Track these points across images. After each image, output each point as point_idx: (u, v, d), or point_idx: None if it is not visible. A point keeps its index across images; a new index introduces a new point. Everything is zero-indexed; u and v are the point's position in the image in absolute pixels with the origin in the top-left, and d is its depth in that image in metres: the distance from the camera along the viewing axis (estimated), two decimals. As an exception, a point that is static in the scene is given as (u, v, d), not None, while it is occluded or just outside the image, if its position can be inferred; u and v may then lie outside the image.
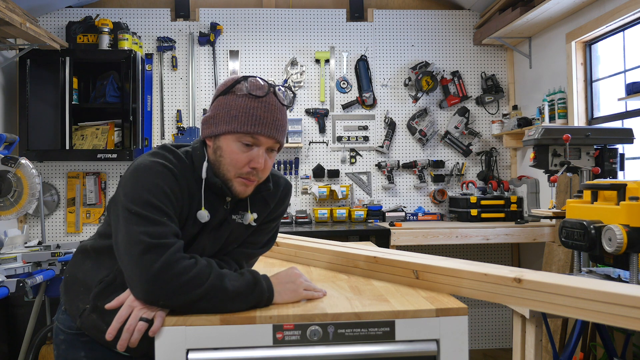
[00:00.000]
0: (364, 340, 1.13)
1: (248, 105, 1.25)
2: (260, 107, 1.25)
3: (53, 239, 4.05)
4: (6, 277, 2.64)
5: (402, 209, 4.16)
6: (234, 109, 1.25)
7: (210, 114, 1.30)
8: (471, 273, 1.26)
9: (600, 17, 3.17)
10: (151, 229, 1.15)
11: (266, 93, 1.26)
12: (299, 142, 4.10)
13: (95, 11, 4.11)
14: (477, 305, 4.26)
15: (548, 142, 2.44)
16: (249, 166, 1.26)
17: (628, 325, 1.01)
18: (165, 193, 1.21)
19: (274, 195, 1.43)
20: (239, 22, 4.23)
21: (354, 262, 1.57)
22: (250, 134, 1.24)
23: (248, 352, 1.11)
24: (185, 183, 1.27)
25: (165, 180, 1.22)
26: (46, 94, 3.77)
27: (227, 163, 1.27)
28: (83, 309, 1.34)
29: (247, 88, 1.26)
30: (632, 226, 1.67)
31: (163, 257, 1.11)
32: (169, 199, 1.21)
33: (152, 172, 1.22)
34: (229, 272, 1.20)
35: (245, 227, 1.39)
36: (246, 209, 1.37)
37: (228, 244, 1.39)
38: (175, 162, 1.28)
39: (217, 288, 1.14)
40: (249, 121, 1.24)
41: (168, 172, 1.24)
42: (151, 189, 1.20)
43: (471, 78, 4.35)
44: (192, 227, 1.29)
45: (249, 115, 1.24)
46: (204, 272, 1.14)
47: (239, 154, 1.26)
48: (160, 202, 1.19)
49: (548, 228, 3.52)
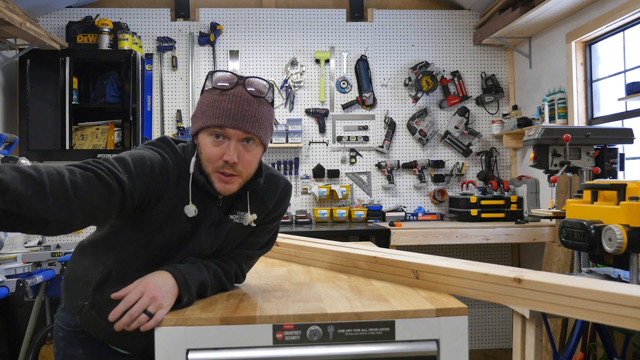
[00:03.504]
0: (364, 340, 1.13)
1: (214, 99, 1.25)
2: (226, 100, 1.24)
3: (53, 239, 4.05)
4: (6, 277, 2.64)
5: (402, 209, 4.16)
6: (204, 105, 1.27)
7: (193, 113, 1.32)
8: (471, 273, 1.26)
9: (600, 17, 3.17)
10: (105, 165, 1.14)
11: (233, 86, 1.25)
12: (299, 142, 4.10)
13: (95, 11, 4.11)
14: (477, 305, 4.25)
15: (548, 142, 2.44)
16: (222, 160, 1.24)
17: (628, 325, 1.01)
18: (143, 166, 1.21)
19: (273, 195, 1.42)
20: (239, 22, 4.23)
21: (354, 262, 1.57)
22: (217, 127, 1.23)
23: (248, 352, 1.11)
24: (175, 175, 1.27)
25: (152, 160, 1.24)
26: (46, 94, 3.77)
27: (204, 159, 1.27)
28: (82, 305, 1.35)
29: (213, 82, 1.27)
30: (632, 226, 1.67)
31: (82, 171, 1.09)
32: (144, 171, 1.20)
33: (145, 152, 1.25)
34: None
35: (244, 228, 1.38)
36: (245, 209, 1.36)
37: (227, 244, 1.39)
38: (171, 154, 1.30)
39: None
40: (214, 114, 1.23)
41: (159, 157, 1.26)
42: (134, 156, 1.22)
43: (471, 78, 4.35)
44: (184, 222, 1.28)
45: (214, 108, 1.24)
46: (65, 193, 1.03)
47: (211, 148, 1.25)
48: (133, 165, 1.19)
49: (548, 228, 3.52)
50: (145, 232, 1.27)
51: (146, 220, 1.26)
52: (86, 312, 1.34)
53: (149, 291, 1.15)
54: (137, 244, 1.29)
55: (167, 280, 1.20)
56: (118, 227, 1.30)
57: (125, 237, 1.29)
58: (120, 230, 1.30)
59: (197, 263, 1.30)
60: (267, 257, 1.93)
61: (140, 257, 1.30)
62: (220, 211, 1.34)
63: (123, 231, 1.29)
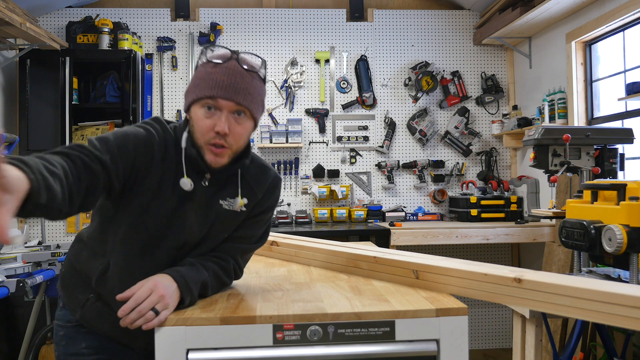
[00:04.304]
0: (364, 340, 1.13)
1: (208, 72, 1.27)
2: (218, 72, 1.26)
3: (53, 239, 4.05)
4: (6, 277, 2.64)
5: (402, 209, 4.16)
6: (198, 78, 1.29)
7: (187, 87, 1.34)
8: (471, 273, 1.26)
9: (600, 17, 3.17)
10: (87, 149, 1.16)
11: (226, 60, 1.28)
12: (299, 142, 4.10)
13: (95, 11, 4.11)
14: (477, 305, 4.25)
15: (548, 142, 2.44)
16: (214, 131, 1.26)
17: (628, 325, 1.01)
18: (126, 144, 1.23)
19: (263, 185, 1.43)
20: (239, 22, 4.23)
21: (354, 262, 1.57)
22: (209, 98, 1.25)
23: (248, 352, 1.11)
24: (161, 151, 1.29)
25: (136, 136, 1.26)
26: (46, 94, 3.77)
27: (197, 131, 1.28)
28: (85, 299, 1.35)
29: (207, 57, 1.29)
30: (632, 226, 1.67)
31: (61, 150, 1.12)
32: (126, 149, 1.23)
33: (130, 129, 1.28)
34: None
35: (234, 215, 1.38)
36: (235, 195, 1.37)
37: (216, 232, 1.38)
38: (159, 131, 1.31)
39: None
40: (207, 86, 1.26)
41: (143, 133, 1.28)
42: (117, 135, 1.24)
43: (471, 78, 4.35)
44: (170, 199, 1.30)
45: (207, 80, 1.26)
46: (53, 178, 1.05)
47: (204, 119, 1.27)
48: (116, 144, 1.21)
49: (548, 228, 3.52)
50: (132, 212, 1.28)
51: (133, 200, 1.27)
52: (91, 304, 1.35)
53: (158, 289, 1.16)
54: (126, 227, 1.29)
55: (170, 282, 1.21)
56: (109, 215, 1.32)
57: (116, 224, 1.31)
58: (112, 217, 1.31)
59: (195, 264, 1.31)
60: (267, 257, 1.93)
61: (131, 242, 1.30)
62: (207, 192, 1.34)
63: (114, 218, 1.31)
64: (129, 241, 1.30)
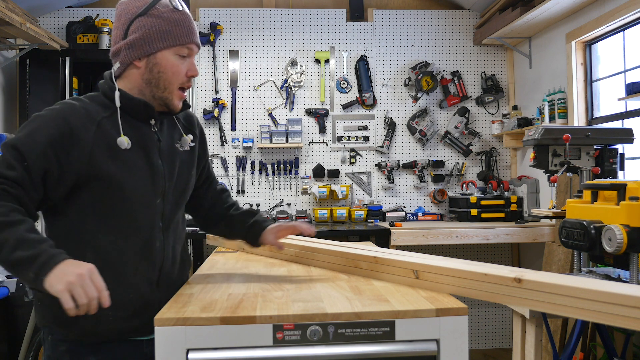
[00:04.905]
0: (364, 340, 1.13)
1: (177, 18, 1.31)
2: (186, 19, 1.32)
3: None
4: (6, 277, 2.64)
5: (402, 209, 4.16)
6: (165, 24, 1.30)
7: (137, 35, 1.29)
8: (471, 273, 1.26)
9: (600, 17, 3.17)
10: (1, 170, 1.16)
11: (182, 5, 1.34)
12: (299, 142, 4.10)
13: (95, 11, 4.11)
14: (477, 305, 4.26)
15: (548, 142, 2.44)
16: (187, 75, 1.34)
17: (628, 325, 1.01)
18: (35, 141, 1.20)
19: (193, 121, 1.55)
20: (239, 22, 4.23)
21: (354, 262, 1.57)
22: (185, 45, 1.31)
23: (248, 352, 1.11)
24: (83, 121, 1.25)
25: (49, 127, 1.22)
26: (46, 94, 3.77)
27: (170, 76, 1.32)
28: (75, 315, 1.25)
29: (168, 5, 1.31)
30: (632, 226, 1.67)
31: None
32: (37, 145, 1.20)
33: (39, 120, 1.24)
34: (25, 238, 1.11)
35: (190, 155, 1.47)
36: (178, 136, 1.44)
37: (182, 176, 1.43)
38: (73, 105, 1.28)
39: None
40: (182, 32, 1.31)
41: (58, 119, 1.23)
42: (21, 139, 1.20)
43: (471, 78, 4.35)
44: (132, 155, 1.29)
45: (181, 27, 1.31)
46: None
47: (178, 66, 1.32)
48: (26, 149, 1.19)
49: (548, 228, 3.52)
50: (105, 192, 1.26)
51: (96, 181, 1.25)
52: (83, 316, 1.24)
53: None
54: (107, 207, 1.27)
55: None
56: (73, 220, 1.28)
57: (90, 221, 1.27)
58: (78, 220, 1.28)
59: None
60: (267, 257, 1.93)
61: (118, 219, 1.28)
62: (156, 135, 1.37)
63: (82, 220, 1.28)
64: (116, 218, 1.28)
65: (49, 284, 1.07)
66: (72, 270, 1.08)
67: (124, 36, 1.31)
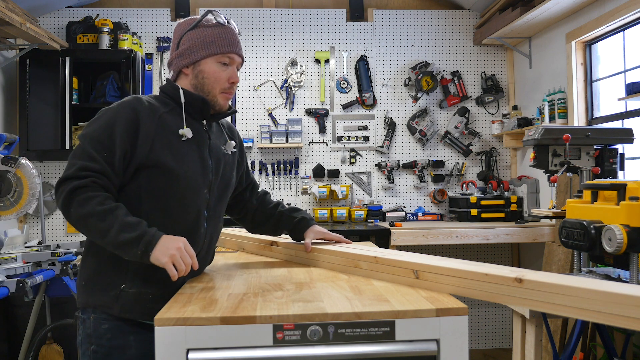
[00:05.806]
0: (364, 340, 1.13)
1: (219, 32, 1.51)
2: (228, 32, 1.52)
3: (53, 239, 4.05)
4: (6, 277, 2.64)
5: (402, 209, 4.16)
6: (209, 37, 1.50)
7: (185, 46, 1.51)
8: (471, 273, 1.26)
9: (600, 17, 3.17)
10: (83, 162, 1.35)
11: (228, 21, 1.54)
12: (299, 142, 4.10)
13: (95, 11, 4.11)
14: (477, 305, 4.26)
15: (548, 142, 2.44)
16: (228, 82, 1.52)
17: (628, 325, 1.01)
18: (114, 132, 1.38)
19: (234, 129, 1.78)
20: (239, 22, 4.23)
21: (354, 262, 1.57)
22: (226, 54, 1.50)
23: (248, 352, 1.11)
24: (147, 113, 1.43)
25: (123, 117, 1.40)
26: (46, 94, 3.77)
27: (212, 82, 1.51)
28: (119, 290, 1.41)
29: (213, 20, 1.51)
30: (632, 226, 1.67)
31: (70, 186, 1.32)
32: (119, 136, 1.38)
33: (112, 111, 1.42)
34: (126, 221, 1.32)
35: (232, 158, 1.66)
36: (223, 142, 1.64)
37: (226, 175, 1.61)
38: (140, 98, 1.46)
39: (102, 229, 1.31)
40: (223, 43, 1.50)
41: (128, 109, 1.41)
42: (106, 124, 1.39)
43: (471, 78, 4.35)
44: (186, 147, 1.47)
45: (223, 39, 1.50)
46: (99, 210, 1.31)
47: (220, 72, 1.51)
48: (106, 140, 1.37)
49: (548, 228, 3.52)
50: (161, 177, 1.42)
51: (154, 167, 1.42)
52: (126, 293, 1.40)
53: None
54: (161, 190, 1.43)
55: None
56: (132, 200, 1.42)
57: (145, 202, 1.43)
58: (136, 200, 1.42)
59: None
60: (267, 257, 1.94)
61: (171, 201, 1.44)
62: (207, 134, 1.56)
63: (138, 200, 1.43)
64: (167, 199, 1.44)
65: (155, 258, 1.31)
66: (172, 245, 1.32)
67: (177, 48, 1.54)
